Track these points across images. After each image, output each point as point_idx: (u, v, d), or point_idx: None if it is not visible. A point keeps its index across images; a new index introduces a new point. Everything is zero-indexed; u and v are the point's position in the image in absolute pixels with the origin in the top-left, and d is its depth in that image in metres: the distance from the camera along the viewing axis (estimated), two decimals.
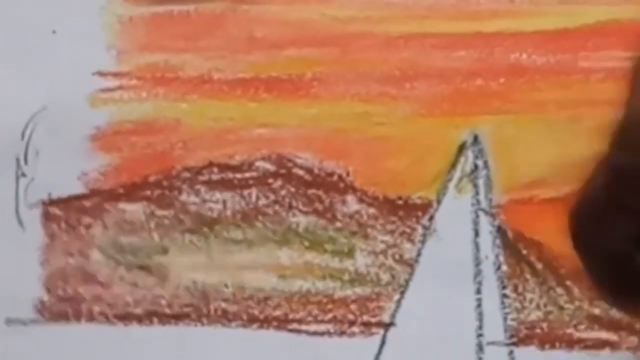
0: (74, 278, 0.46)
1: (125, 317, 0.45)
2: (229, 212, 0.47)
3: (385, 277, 0.45)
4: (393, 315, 0.44)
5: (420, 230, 0.46)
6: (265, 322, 0.45)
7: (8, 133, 0.49)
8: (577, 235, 0.37)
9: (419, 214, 0.46)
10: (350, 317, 0.45)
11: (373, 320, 0.44)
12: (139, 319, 0.45)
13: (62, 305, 0.45)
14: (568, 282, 0.45)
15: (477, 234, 0.46)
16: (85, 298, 0.46)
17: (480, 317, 0.44)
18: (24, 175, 0.49)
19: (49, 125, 0.50)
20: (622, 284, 0.39)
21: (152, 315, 0.45)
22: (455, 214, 0.46)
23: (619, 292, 0.40)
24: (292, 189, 0.47)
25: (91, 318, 0.45)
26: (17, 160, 0.49)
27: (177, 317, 0.45)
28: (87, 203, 0.48)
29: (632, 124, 0.32)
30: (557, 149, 0.47)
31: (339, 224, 0.46)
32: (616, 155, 0.33)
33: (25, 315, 0.45)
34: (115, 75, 0.50)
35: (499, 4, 0.50)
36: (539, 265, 0.45)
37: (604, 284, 0.40)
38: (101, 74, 0.51)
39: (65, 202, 0.48)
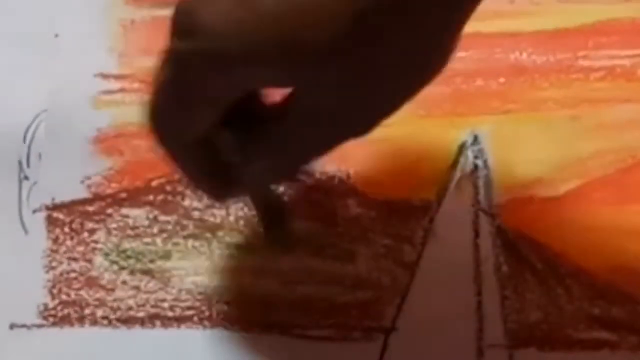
0: (77, 282, 0.46)
1: (128, 321, 0.45)
2: (232, 218, 0.47)
3: (386, 280, 0.45)
4: (394, 320, 0.44)
5: (420, 232, 0.46)
6: (267, 326, 0.45)
7: (10, 136, 0.49)
8: (158, 134, 0.37)
9: (419, 215, 0.46)
10: (352, 322, 0.44)
11: (374, 325, 0.44)
12: (142, 322, 0.45)
13: (65, 310, 0.45)
14: (568, 282, 0.45)
15: (477, 234, 0.46)
16: (88, 302, 0.46)
17: (480, 319, 0.44)
18: (26, 178, 0.48)
19: (51, 128, 0.50)
20: (210, 171, 0.39)
21: (155, 319, 0.45)
22: (455, 214, 0.46)
23: (210, 180, 0.39)
24: (293, 193, 0.47)
25: (94, 322, 0.45)
26: (20, 163, 0.49)
27: (179, 320, 0.45)
28: (90, 208, 0.48)
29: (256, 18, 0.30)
30: (556, 148, 0.47)
31: (340, 229, 0.46)
32: (177, 46, 0.32)
33: (28, 320, 0.45)
34: (117, 77, 0.50)
35: (499, 4, 0.50)
36: (539, 266, 0.45)
37: (195, 176, 0.39)
38: (103, 76, 0.51)
39: (68, 207, 0.48)
